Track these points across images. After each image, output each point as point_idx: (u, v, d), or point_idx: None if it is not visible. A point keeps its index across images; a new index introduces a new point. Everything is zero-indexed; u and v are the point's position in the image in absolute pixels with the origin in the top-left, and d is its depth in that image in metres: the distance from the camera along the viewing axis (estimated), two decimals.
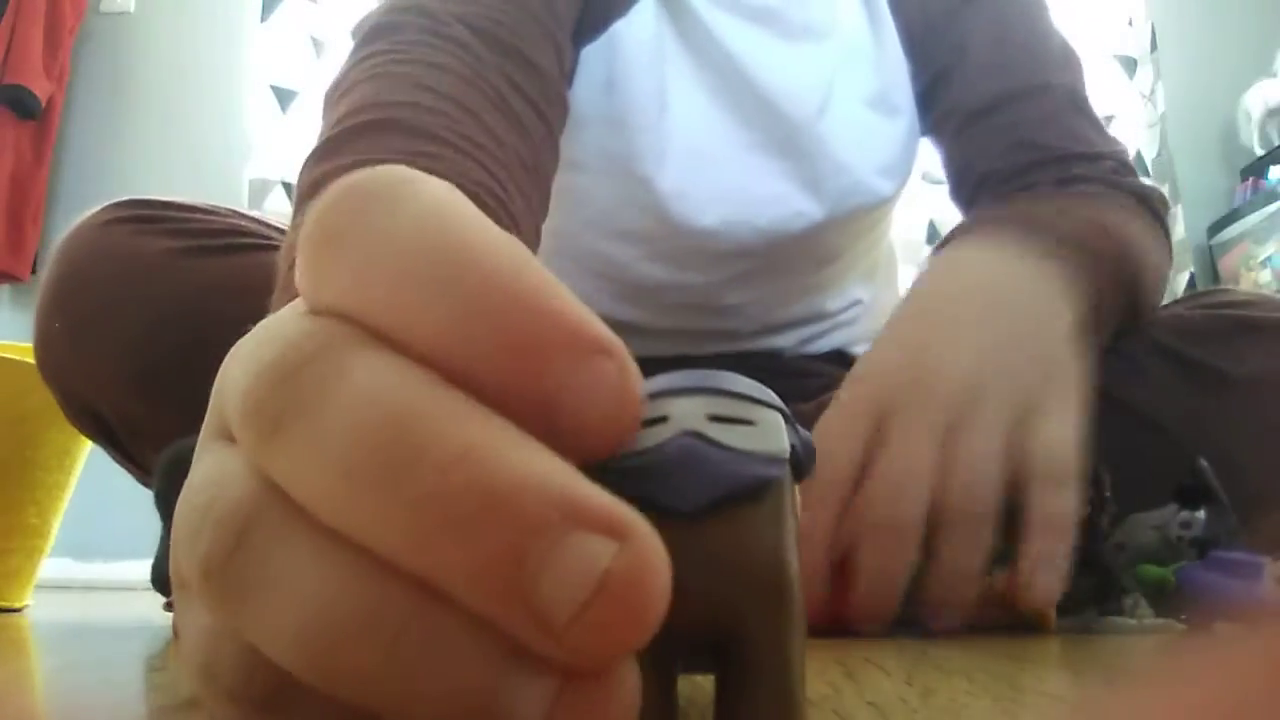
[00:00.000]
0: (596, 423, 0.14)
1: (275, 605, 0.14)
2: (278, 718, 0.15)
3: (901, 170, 0.80)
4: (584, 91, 0.70)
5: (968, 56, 0.77)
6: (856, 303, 0.86)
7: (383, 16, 0.55)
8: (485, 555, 0.12)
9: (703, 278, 0.76)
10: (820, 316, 0.83)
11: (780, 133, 0.75)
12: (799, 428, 0.17)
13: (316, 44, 2.14)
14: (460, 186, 0.46)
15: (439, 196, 0.15)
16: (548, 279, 0.14)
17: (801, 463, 0.16)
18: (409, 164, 0.45)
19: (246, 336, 0.16)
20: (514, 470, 0.12)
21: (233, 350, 0.16)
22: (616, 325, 0.15)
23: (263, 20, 2.13)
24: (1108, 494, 0.57)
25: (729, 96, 0.75)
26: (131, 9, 2.25)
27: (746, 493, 0.15)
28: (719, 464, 0.15)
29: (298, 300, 0.17)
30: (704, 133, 0.74)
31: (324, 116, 0.51)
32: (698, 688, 0.25)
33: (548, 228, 0.56)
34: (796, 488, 0.16)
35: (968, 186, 0.77)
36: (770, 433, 0.16)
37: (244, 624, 0.14)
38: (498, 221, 0.43)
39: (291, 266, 0.38)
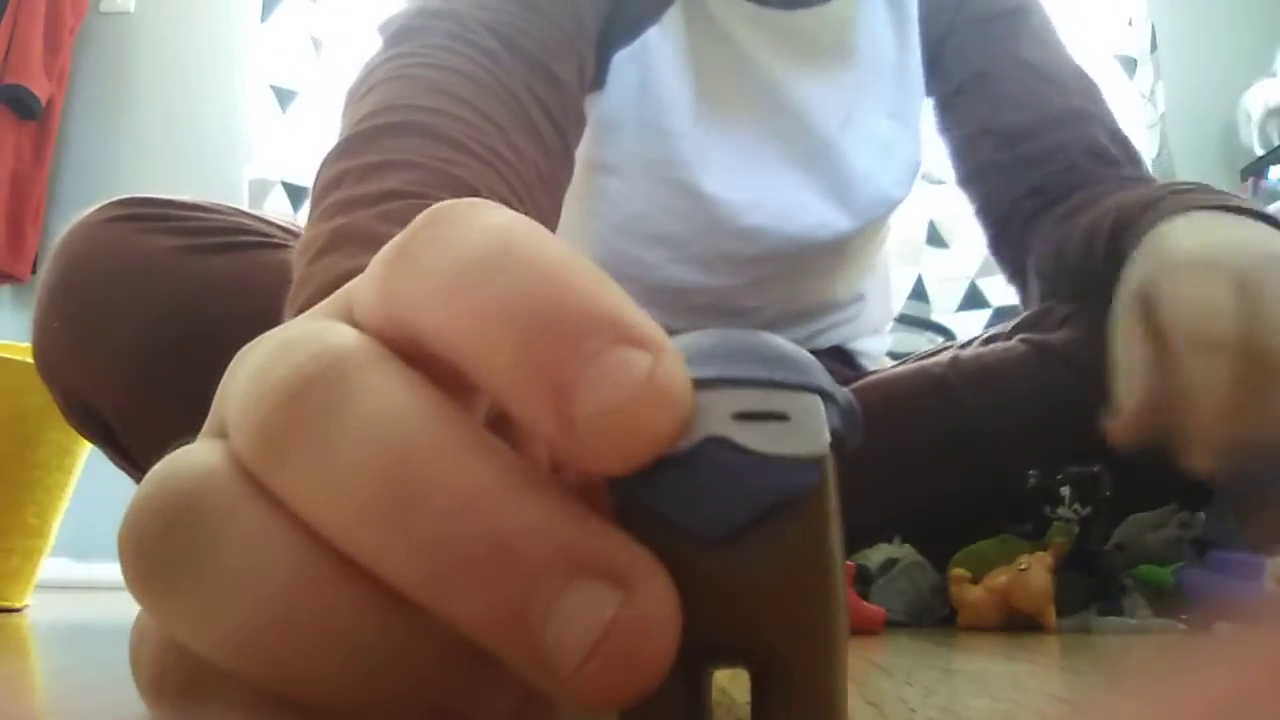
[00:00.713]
0: (615, 420, 0.12)
1: (222, 599, 0.13)
2: (196, 703, 0.15)
3: (914, 175, 0.83)
4: (617, 96, 0.71)
5: (998, 78, 0.79)
6: (860, 297, 0.88)
7: (411, 19, 0.55)
8: (491, 602, 0.12)
9: (728, 280, 0.78)
10: (830, 308, 0.85)
11: (806, 146, 0.77)
12: (839, 395, 0.15)
13: (316, 44, 2.14)
14: (482, 196, 0.45)
15: (506, 218, 0.14)
16: (597, 278, 0.13)
17: (845, 440, 0.15)
18: (432, 168, 0.45)
19: (254, 343, 0.16)
20: (519, 515, 0.12)
21: (240, 354, 0.16)
22: None
23: (263, 20, 2.13)
24: (1107, 494, 0.57)
25: (757, 109, 0.76)
26: (131, 9, 2.25)
27: (784, 508, 0.13)
28: (752, 478, 0.13)
29: (315, 309, 0.16)
30: (737, 142, 0.76)
31: (345, 113, 0.51)
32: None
33: (574, 231, 0.56)
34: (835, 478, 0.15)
35: (1003, 200, 0.79)
36: (807, 426, 0.14)
37: (174, 615, 0.14)
38: None
39: (310, 262, 0.38)
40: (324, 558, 0.13)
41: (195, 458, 0.15)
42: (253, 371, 0.14)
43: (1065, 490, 0.58)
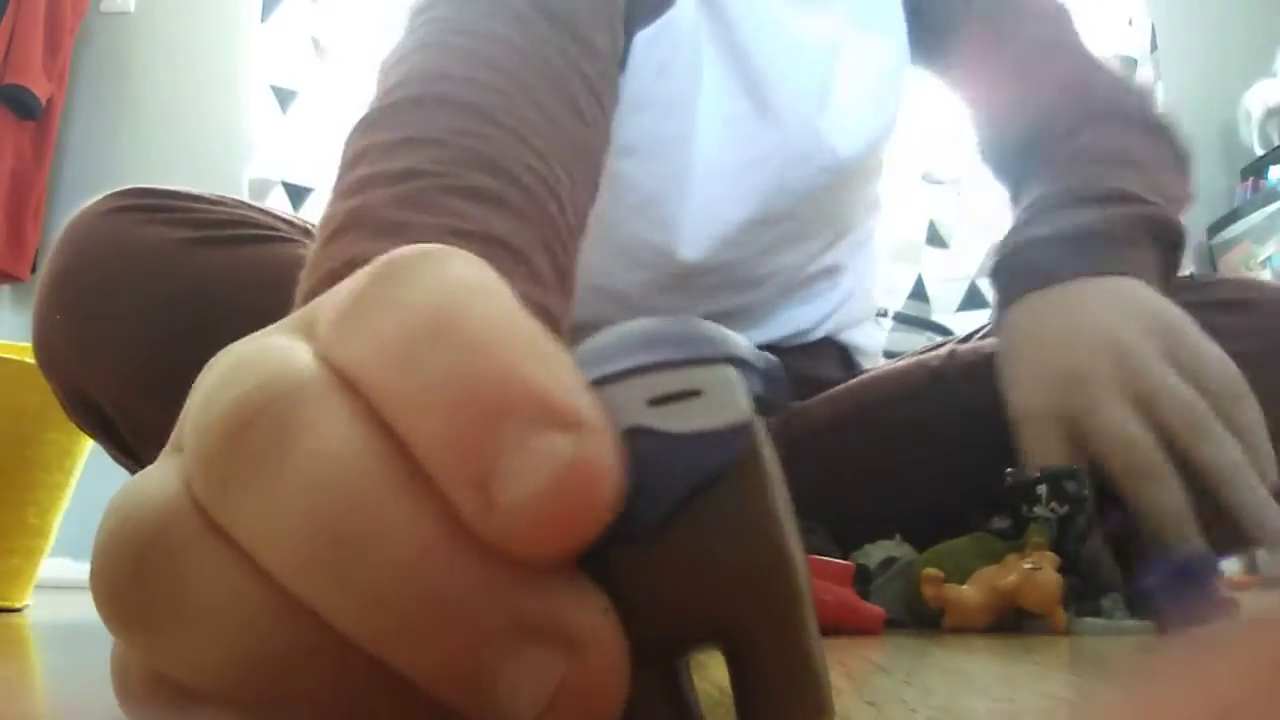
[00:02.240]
0: (535, 509, 0.12)
1: (194, 637, 0.13)
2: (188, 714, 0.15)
3: (895, 106, 0.83)
4: (639, 77, 0.70)
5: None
6: (847, 269, 0.87)
7: None
8: (437, 662, 0.12)
9: (739, 254, 0.77)
10: (829, 275, 0.85)
11: (805, 81, 0.77)
12: (757, 360, 0.14)
13: (316, 44, 2.14)
14: (507, 169, 0.44)
15: (460, 273, 0.14)
16: (531, 349, 0.13)
17: (772, 403, 0.14)
18: (453, 144, 0.45)
19: (218, 355, 0.15)
20: (463, 576, 0.12)
21: (207, 366, 0.15)
22: (654, 315, 0.15)
23: (263, 20, 2.13)
24: (1085, 493, 0.56)
25: (747, 63, 0.76)
26: (131, 9, 2.25)
27: (712, 481, 0.13)
28: (675, 459, 0.13)
29: (280, 323, 0.16)
30: (730, 103, 0.75)
31: (377, 82, 0.50)
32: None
33: (594, 215, 0.55)
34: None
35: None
36: (723, 398, 0.13)
37: (154, 651, 0.14)
38: (545, 209, 0.42)
39: (324, 243, 0.37)
40: (284, 604, 0.13)
41: (155, 486, 0.14)
42: (204, 392, 0.14)
43: (1042, 489, 0.57)
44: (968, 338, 0.79)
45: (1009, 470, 0.59)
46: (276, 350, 0.14)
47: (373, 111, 0.45)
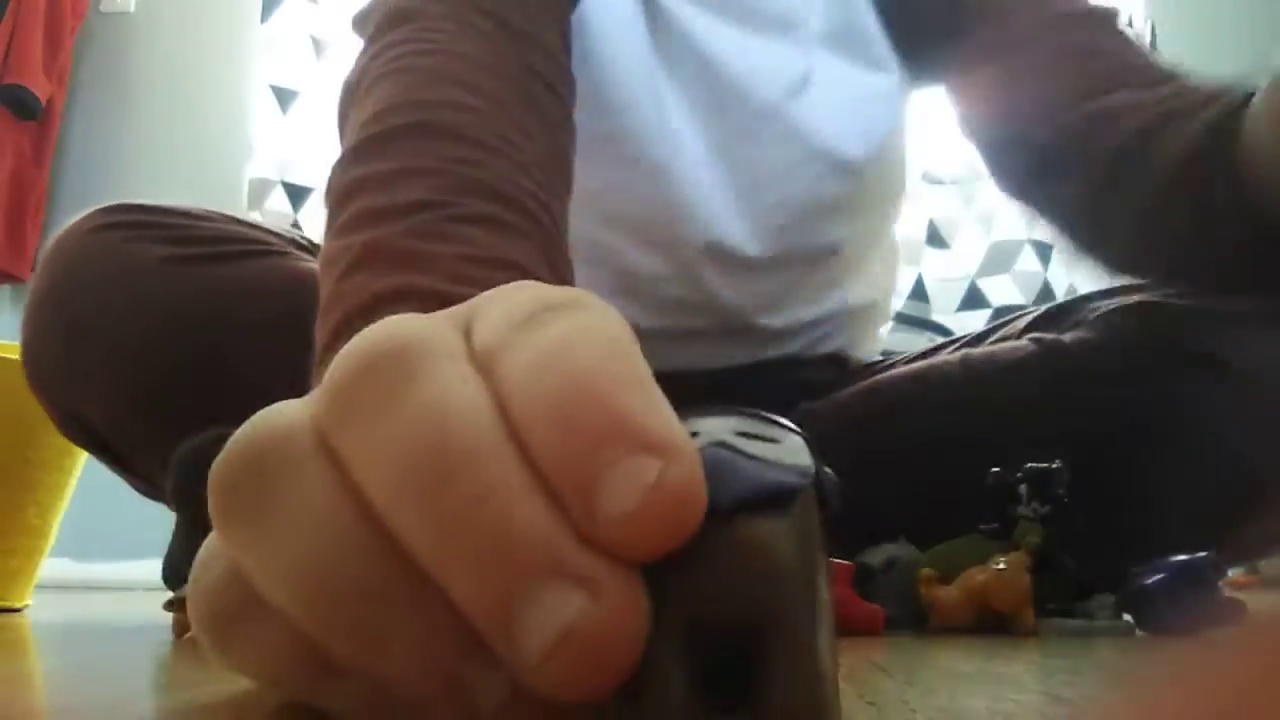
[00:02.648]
0: (627, 519, 0.14)
1: (283, 540, 0.15)
2: (236, 641, 0.17)
3: (883, 132, 0.78)
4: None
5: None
6: (847, 309, 0.84)
7: (402, 1, 0.54)
8: (481, 588, 0.14)
9: (694, 270, 0.75)
10: (818, 322, 0.82)
11: (751, 121, 0.75)
12: (824, 465, 0.17)
13: (316, 44, 2.14)
14: (504, 192, 0.45)
15: (595, 320, 0.16)
16: (637, 377, 0.15)
17: (827, 493, 0.17)
18: (451, 173, 0.45)
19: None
20: (521, 518, 0.14)
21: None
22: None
23: (263, 20, 2.13)
24: (1060, 491, 0.56)
25: (699, 89, 0.75)
26: (131, 9, 2.25)
27: (773, 497, 0.15)
28: (746, 469, 0.15)
29: (441, 313, 0.18)
30: (683, 117, 0.74)
31: (348, 106, 0.50)
32: None
33: None
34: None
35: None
36: (796, 450, 0.16)
37: (245, 545, 0.16)
38: (543, 225, 0.43)
39: (339, 278, 0.37)
40: (367, 524, 0.15)
41: (287, 410, 0.17)
42: (347, 345, 0.16)
43: (1023, 488, 0.57)
44: (978, 339, 0.78)
45: (993, 470, 0.59)
46: (420, 318, 0.17)
47: (361, 141, 0.45)
